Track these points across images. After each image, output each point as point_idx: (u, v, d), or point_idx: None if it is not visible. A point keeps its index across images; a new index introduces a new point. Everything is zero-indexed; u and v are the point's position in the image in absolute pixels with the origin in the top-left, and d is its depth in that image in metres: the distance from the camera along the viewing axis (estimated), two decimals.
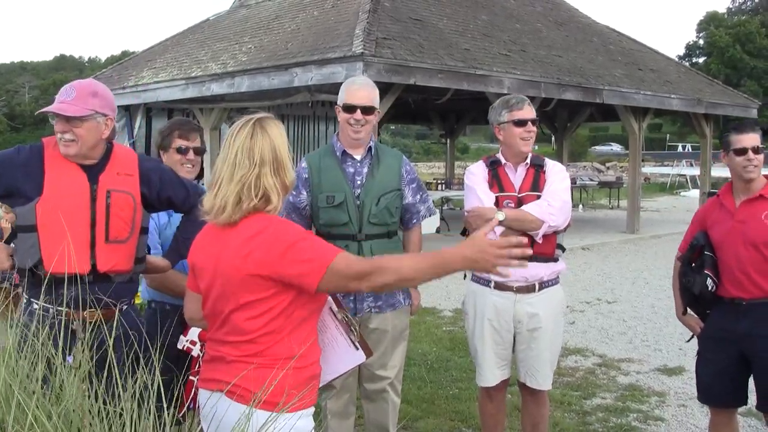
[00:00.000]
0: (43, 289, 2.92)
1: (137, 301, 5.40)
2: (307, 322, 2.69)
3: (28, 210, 3.24)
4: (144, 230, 3.52)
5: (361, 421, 4.70)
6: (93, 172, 3.35)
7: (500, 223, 4.15)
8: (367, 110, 4.16)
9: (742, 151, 4.11)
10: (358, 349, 2.98)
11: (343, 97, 4.21)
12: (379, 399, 4.36)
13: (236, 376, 2.60)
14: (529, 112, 4.32)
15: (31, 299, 3.24)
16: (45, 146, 3.36)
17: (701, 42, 74.60)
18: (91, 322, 3.15)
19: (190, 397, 3.27)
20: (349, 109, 4.16)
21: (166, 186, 3.56)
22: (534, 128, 4.31)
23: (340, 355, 2.98)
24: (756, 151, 4.09)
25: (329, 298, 3.03)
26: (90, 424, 2.02)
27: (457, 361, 7.11)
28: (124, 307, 3.44)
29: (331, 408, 4.27)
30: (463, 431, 5.48)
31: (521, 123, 4.29)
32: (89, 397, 2.13)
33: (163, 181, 3.55)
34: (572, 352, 7.65)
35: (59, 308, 3.02)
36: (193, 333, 3.51)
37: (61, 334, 2.47)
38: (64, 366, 2.30)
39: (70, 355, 2.39)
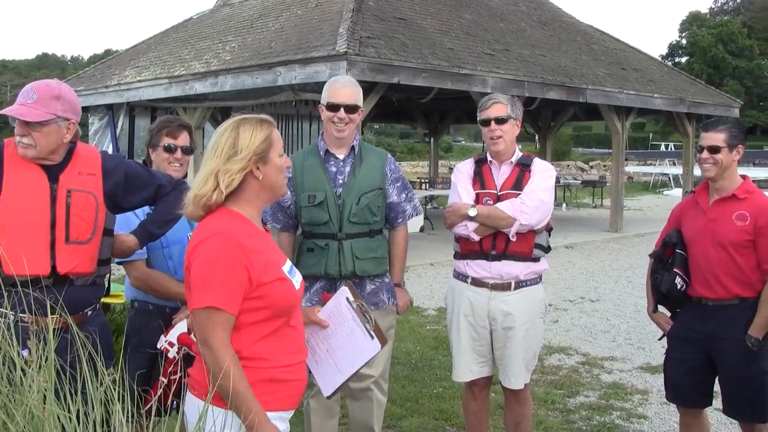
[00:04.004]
0: (2, 293, 2.85)
1: (120, 300, 5.39)
2: (261, 325, 2.65)
3: None
4: (108, 232, 3.43)
5: (346, 420, 4.69)
6: (53, 171, 3.25)
7: (472, 219, 4.21)
8: (351, 109, 4.15)
9: (699, 149, 4.12)
10: (373, 338, 2.96)
11: (326, 96, 4.20)
12: (364, 397, 4.35)
13: (197, 372, 2.65)
14: (494, 111, 4.31)
15: None
16: (5, 146, 3.26)
17: (684, 42, 75.24)
18: (54, 329, 3.08)
19: (156, 396, 3.25)
20: (333, 107, 4.15)
21: (132, 182, 3.47)
22: (499, 127, 4.28)
23: (358, 347, 2.96)
24: (713, 150, 4.05)
25: (345, 287, 3.04)
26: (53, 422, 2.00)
27: (441, 359, 7.11)
28: (89, 312, 3.35)
29: (314, 407, 4.25)
30: (447, 430, 5.48)
31: (484, 122, 4.35)
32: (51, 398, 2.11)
33: (128, 177, 3.46)
34: (556, 351, 7.68)
35: (20, 314, 2.95)
36: (173, 334, 3.50)
37: (20, 338, 2.40)
38: (21, 359, 2.26)
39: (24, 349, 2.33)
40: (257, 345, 2.64)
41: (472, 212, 4.21)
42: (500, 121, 4.29)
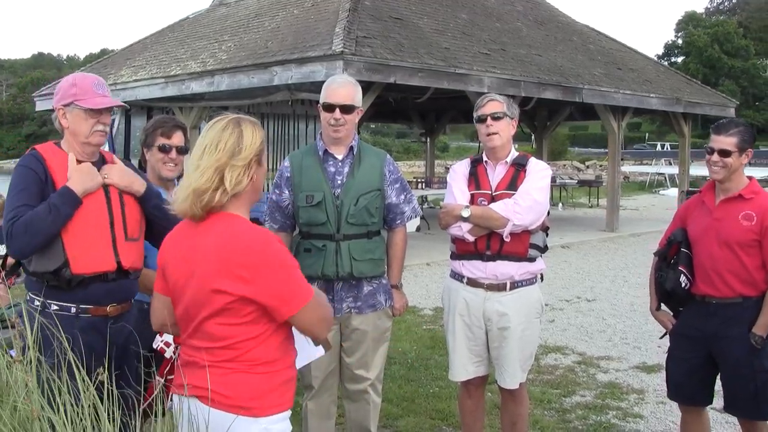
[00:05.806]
0: (66, 290, 3.17)
1: None
2: (283, 327, 2.63)
3: None
4: None
5: (342, 420, 4.70)
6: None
7: (465, 219, 4.22)
8: (347, 109, 4.13)
9: (709, 151, 4.13)
10: (318, 344, 2.96)
11: (323, 96, 4.18)
12: (361, 399, 4.35)
13: (211, 380, 2.56)
14: (490, 107, 4.32)
15: (48, 301, 3.22)
16: (44, 156, 3.31)
17: (680, 42, 75.31)
18: (113, 317, 3.35)
19: (151, 396, 3.24)
20: (329, 108, 4.13)
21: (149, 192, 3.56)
22: (495, 123, 4.28)
23: (300, 351, 2.97)
24: (723, 154, 4.04)
25: None
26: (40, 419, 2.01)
27: (437, 359, 7.11)
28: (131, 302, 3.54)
29: (311, 408, 4.26)
30: (444, 429, 5.49)
31: (480, 120, 4.35)
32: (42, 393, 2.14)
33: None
34: (552, 350, 7.68)
35: (83, 306, 3.22)
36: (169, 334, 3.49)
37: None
38: (8, 359, 2.33)
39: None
40: (279, 348, 2.63)
41: (466, 213, 4.22)
42: (496, 117, 4.29)
